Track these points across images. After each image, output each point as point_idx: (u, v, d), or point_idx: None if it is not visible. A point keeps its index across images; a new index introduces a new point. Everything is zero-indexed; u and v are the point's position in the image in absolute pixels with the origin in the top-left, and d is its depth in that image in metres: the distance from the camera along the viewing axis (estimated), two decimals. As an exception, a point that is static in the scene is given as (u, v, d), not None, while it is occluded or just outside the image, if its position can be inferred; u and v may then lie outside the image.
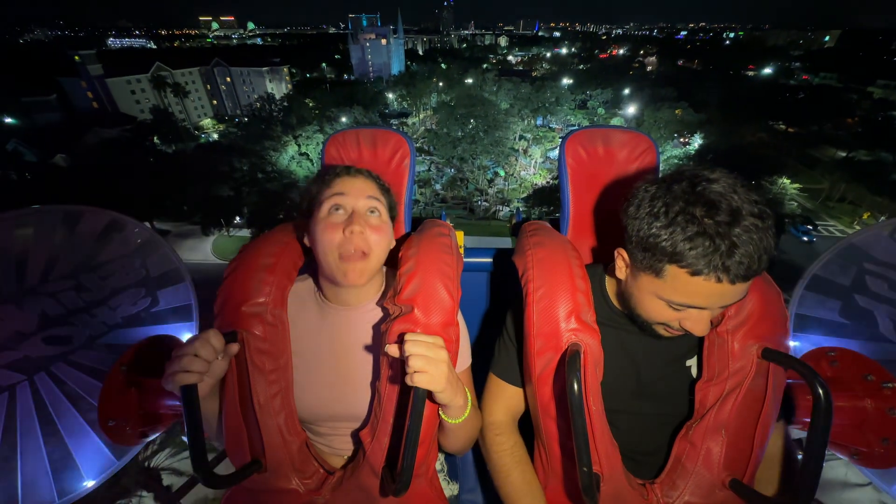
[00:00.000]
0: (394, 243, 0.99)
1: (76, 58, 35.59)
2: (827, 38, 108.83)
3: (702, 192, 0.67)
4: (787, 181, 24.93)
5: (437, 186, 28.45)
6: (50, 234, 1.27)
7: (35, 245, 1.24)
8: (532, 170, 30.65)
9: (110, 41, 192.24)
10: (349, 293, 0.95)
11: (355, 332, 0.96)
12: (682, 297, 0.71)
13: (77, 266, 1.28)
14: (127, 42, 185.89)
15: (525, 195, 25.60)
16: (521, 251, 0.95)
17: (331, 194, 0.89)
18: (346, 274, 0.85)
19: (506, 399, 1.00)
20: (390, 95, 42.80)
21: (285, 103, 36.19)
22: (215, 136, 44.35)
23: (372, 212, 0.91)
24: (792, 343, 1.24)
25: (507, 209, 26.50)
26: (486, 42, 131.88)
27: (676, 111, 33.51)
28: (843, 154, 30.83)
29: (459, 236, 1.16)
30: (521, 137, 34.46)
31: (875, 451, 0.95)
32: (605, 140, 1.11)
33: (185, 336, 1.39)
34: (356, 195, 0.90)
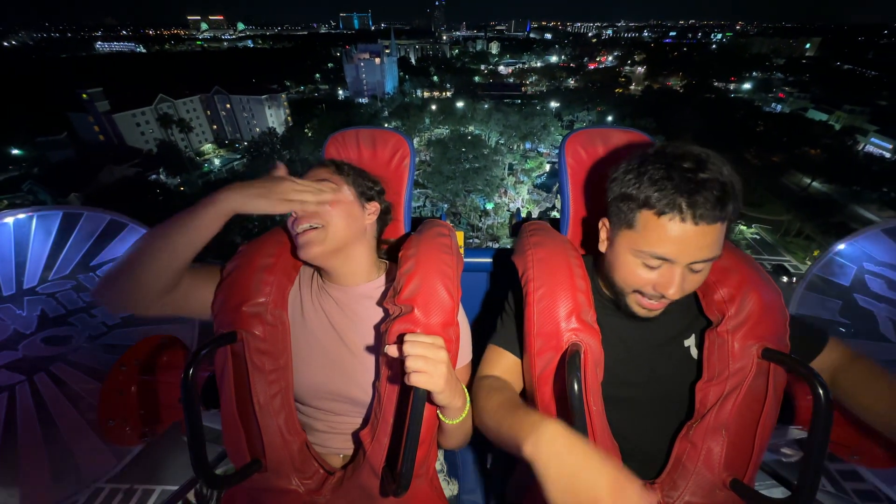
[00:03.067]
0: (374, 226, 1.02)
1: (84, 96, 37.29)
2: (808, 45, 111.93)
3: (671, 150, 0.73)
4: (744, 227, 26.37)
5: (432, 224, 30.38)
6: (50, 235, 1.28)
7: (35, 245, 1.25)
8: (520, 202, 32.84)
9: (98, 45, 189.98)
10: (336, 272, 0.96)
11: (352, 310, 0.96)
12: (652, 245, 0.73)
13: (77, 266, 1.29)
14: (115, 46, 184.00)
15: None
16: (521, 251, 0.96)
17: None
18: (302, 246, 0.89)
19: (502, 365, 0.96)
20: (386, 126, 44.62)
21: (287, 134, 38.13)
22: (217, 161, 45.77)
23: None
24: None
25: (497, 245, 28.64)
26: (478, 47, 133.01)
27: (654, 144, 35.83)
28: (809, 181, 33.41)
29: (459, 236, 1.17)
30: (510, 169, 36.64)
31: (875, 451, 0.96)
32: (605, 140, 1.12)
33: (185, 336, 1.41)
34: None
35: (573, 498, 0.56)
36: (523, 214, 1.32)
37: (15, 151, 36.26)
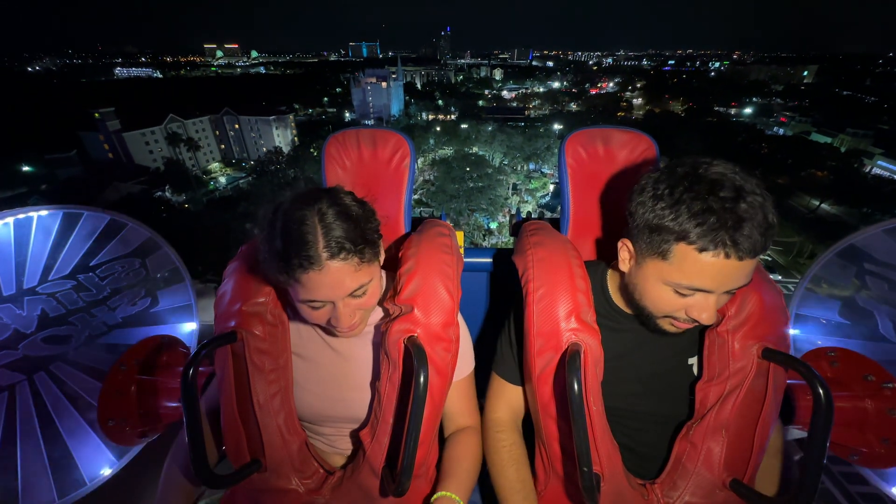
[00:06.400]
0: (383, 256, 0.90)
1: (96, 115, 38.26)
2: (805, 72, 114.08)
3: (704, 173, 0.68)
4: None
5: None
6: (50, 235, 1.29)
7: (35, 245, 1.26)
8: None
9: (117, 70, 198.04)
10: None
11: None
12: (690, 279, 0.70)
13: (77, 266, 1.29)
14: (134, 72, 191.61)
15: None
16: (521, 251, 0.96)
17: (303, 295, 0.74)
18: (346, 334, 0.83)
19: (507, 398, 1.00)
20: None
21: (293, 153, 38.68)
22: (222, 179, 46.41)
23: (357, 296, 0.79)
24: (792, 343, 1.23)
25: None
26: (482, 74, 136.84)
27: (656, 168, 35.96)
28: (817, 203, 33.05)
29: (459, 236, 1.16)
30: (513, 188, 36.67)
31: (875, 451, 0.95)
32: (605, 140, 1.11)
33: (185, 336, 1.39)
34: (334, 294, 0.74)
35: None
36: (523, 214, 1.31)
37: (25, 168, 36.93)
